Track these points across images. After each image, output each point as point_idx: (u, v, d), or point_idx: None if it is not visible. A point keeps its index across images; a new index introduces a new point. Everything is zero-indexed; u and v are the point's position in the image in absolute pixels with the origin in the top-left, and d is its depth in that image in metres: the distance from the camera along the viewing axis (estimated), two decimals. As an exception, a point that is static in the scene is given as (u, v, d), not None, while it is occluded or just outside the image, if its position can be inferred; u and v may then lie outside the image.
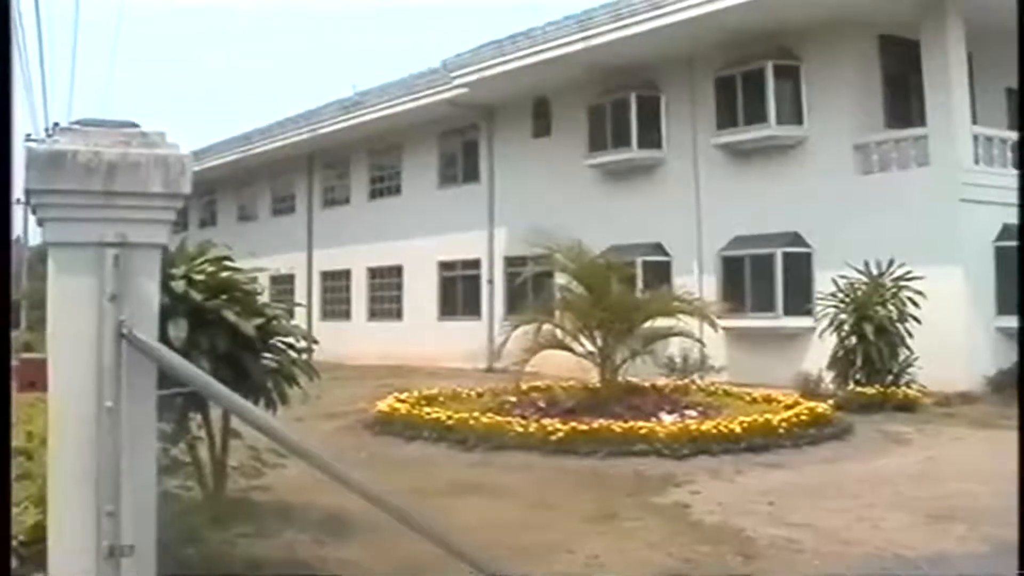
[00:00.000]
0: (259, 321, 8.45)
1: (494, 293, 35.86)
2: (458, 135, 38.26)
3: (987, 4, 23.79)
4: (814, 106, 26.78)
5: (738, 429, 15.40)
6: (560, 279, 21.54)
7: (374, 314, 41.97)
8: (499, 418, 16.42)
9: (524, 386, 19.59)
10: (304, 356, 9.61)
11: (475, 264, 36.83)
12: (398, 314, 40.56)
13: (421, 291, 39.02)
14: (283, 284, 42.83)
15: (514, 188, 34.83)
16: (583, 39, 29.16)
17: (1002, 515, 10.85)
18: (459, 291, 37.87)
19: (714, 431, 15.32)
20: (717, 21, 26.16)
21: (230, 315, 8.03)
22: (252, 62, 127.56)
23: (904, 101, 25.98)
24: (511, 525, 10.08)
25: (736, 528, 10.29)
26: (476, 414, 16.61)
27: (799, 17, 25.53)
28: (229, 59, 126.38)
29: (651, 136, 30.42)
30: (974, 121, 25.07)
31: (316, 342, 10.56)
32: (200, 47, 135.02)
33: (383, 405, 18.16)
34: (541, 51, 30.62)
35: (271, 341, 8.96)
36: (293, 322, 9.92)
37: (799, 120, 27.01)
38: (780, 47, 26.97)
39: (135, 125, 4.47)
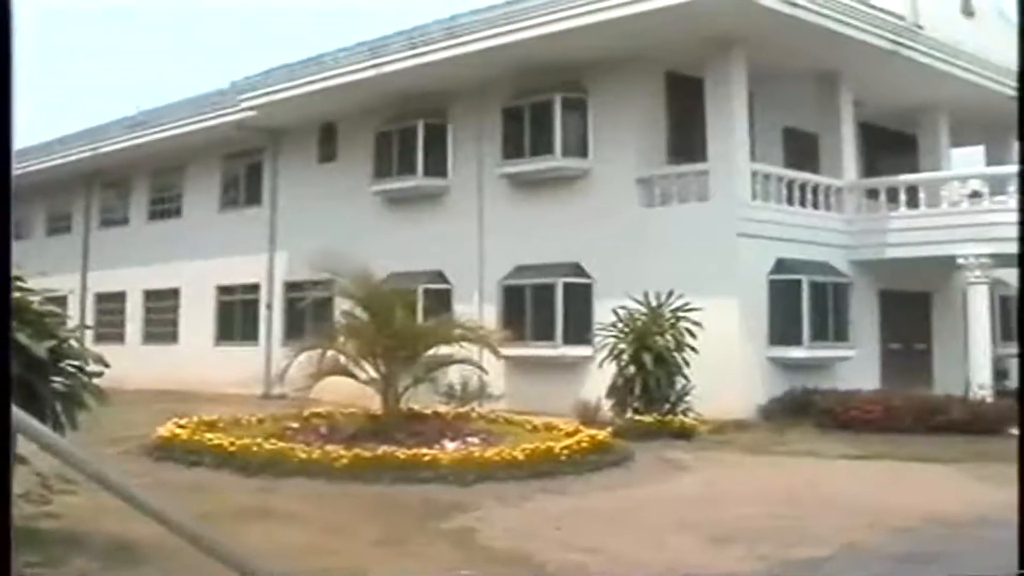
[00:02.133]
0: (51, 343, 8.28)
1: (273, 318, 35.50)
2: (243, 158, 37.75)
3: (769, 47, 24.84)
4: (600, 139, 27.19)
5: (521, 456, 15.63)
6: (343, 305, 21.46)
7: (150, 337, 41.04)
8: (282, 444, 16.30)
9: (306, 412, 19.52)
10: (94, 380, 9.43)
11: (254, 288, 36.39)
12: (174, 338, 39.81)
13: (198, 315, 38.35)
14: (56, 306, 41.63)
15: (297, 213, 34.58)
16: (375, 66, 29.11)
17: (777, 535, 11.40)
18: (237, 316, 37.37)
19: (497, 458, 15.53)
20: (508, 53, 26.53)
21: (22, 337, 7.85)
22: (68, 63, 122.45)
23: (687, 137, 26.57)
24: (302, 550, 10.03)
25: (525, 552, 10.42)
26: (259, 440, 16.45)
27: (588, 52, 25.98)
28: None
29: (437, 164, 30.49)
30: (753, 158, 25.89)
31: (108, 366, 10.32)
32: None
33: (163, 431, 17.76)
34: (332, 76, 30.49)
35: (62, 364, 8.78)
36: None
37: (584, 152, 27.36)
38: (569, 80, 27.35)
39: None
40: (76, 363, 9.06)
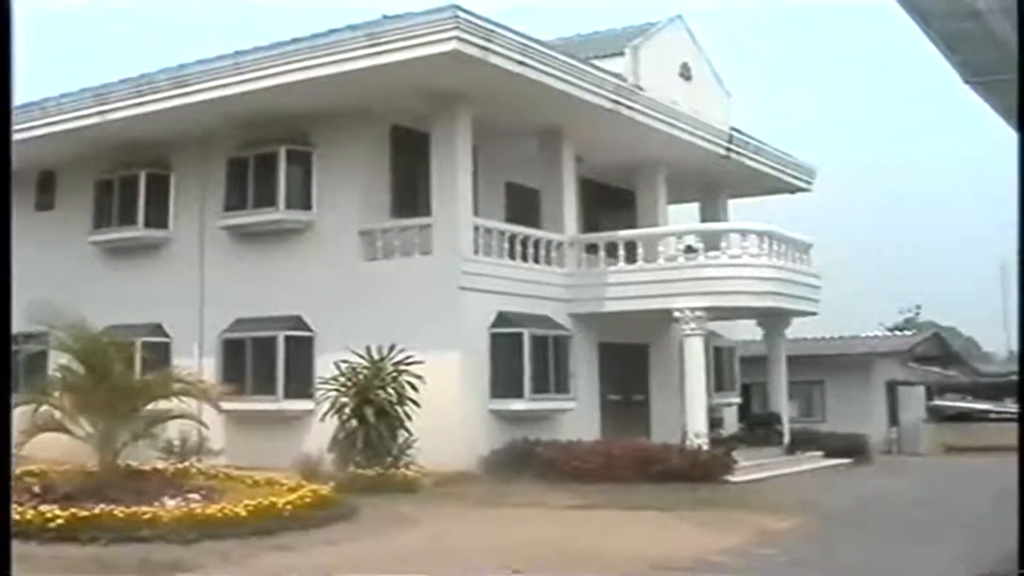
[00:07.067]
0: None
1: (-18, 372, 34.10)
2: (-49, 205, 36.24)
3: (493, 103, 25.23)
4: (324, 192, 27.14)
5: (243, 512, 15.45)
6: (60, 359, 20.77)
7: None
8: (-9, 506, 15.66)
9: (17, 471, 18.81)
10: None
11: (-38, 341, 34.91)
12: None
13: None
14: None
15: (13, 262, 33.26)
16: (99, 113, 28.37)
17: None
18: (-58, 370, 35.80)
19: (219, 515, 15.30)
20: (234, 104, 26.28)
21: None
22: None
23: (412, 190, 26.78)
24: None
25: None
26: (-35, 502, 15.78)
27: (315, 105, 26.01)
28: None
29: (158, 215, 29.93)
30: (476, 213, 26.24)
31: None
32: None
33: None
34: (54, 122, 29.45)
35: None
36: None
37: (308, 205, 27.26)
38: (295, 132, 27.25)
39: None
40: None
